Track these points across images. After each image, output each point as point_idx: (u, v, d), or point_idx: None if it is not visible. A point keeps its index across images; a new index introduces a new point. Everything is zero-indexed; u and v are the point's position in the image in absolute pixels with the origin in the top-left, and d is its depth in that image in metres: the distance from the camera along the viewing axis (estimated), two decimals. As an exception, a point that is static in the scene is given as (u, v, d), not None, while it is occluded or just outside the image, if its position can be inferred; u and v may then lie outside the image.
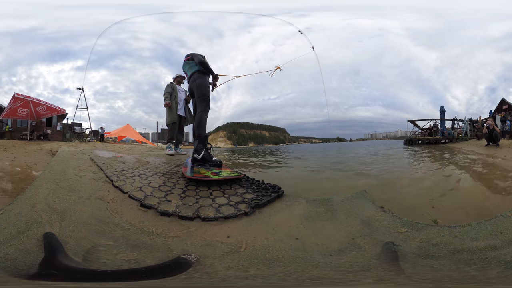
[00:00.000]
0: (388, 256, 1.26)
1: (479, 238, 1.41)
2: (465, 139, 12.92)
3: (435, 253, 1.30)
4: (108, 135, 17.73)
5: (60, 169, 2.64)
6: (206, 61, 3.28)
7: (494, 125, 7.17)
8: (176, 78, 5.01)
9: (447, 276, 1.10)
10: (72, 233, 1.47)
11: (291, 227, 1.73)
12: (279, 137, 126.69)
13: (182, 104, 4.95)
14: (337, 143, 79.86)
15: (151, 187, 2.32)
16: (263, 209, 2.00)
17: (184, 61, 3.35)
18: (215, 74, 3.38)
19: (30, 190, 1.98)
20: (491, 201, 2.26)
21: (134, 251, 1.37)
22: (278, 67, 3.84)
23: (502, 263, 1.15)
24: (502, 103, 17.94)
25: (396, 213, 1.83)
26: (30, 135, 9.96)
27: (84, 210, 1.77)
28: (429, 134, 15.63)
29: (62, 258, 1.16)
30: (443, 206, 2.24)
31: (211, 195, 2.21)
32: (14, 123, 11.76)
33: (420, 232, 1.53)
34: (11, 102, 8.66)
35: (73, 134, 13.84)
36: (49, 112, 9.94)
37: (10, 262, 1.16)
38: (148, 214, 1.83)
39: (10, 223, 1.50)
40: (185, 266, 1.17)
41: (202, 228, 1.69)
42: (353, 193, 2.26)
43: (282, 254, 1.35)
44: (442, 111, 15.92)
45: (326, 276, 1.13)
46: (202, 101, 3.14)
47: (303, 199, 2.20)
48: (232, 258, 1.31)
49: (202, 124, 3.09)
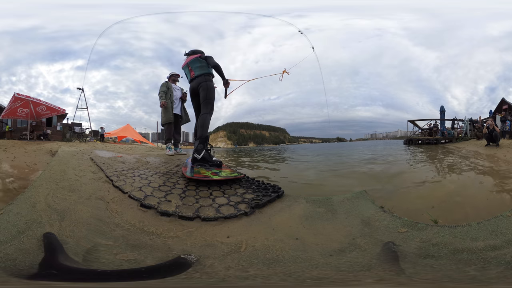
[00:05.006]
0: (388, 256, 1.26)
1: (479, 238, 1.40)
2: (465, 139, 12.92)
3: (435, 253, 1.30)
4: (108, 135, 17.73)
5: (60, 169, 2.63)
6: (220, 66, 3.22)
7: (494, 125, 7.17)
8: (171, 77, 4.93)
9: (447, 276, 1.10)
10: (72, 233, 1.47)
11: (291, 227, 1.73)
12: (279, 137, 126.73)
13: (178, 103, 4.88)
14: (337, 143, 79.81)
15: (151, 187, 2.32)
16: (263, 209, 2.00)
17: (196, 58, 3.23)
18: (226, 80, 3.32)
19: (30, 190, 1.98)
20: (491, 201, 2.25)
21: (134, 251, 1.37)
22: (285, 71, 3.82)
23: (502, 263, 1.15)
24: (502, 103, 17.94)
25: (396, 213, 1.83)
26: (30, 135, 9.95)
27: (84, 210, 1.77)
28: (429, 134, 15.63)
29: (62, 258, 1.16)
30: (443, 206, 2.24)
31: (211, 195, 2.21)
32: (14, 123, 11.76)
33: (420, 232, 1.53)
34: (11, 102, 8.65)
35: (73, 134, 13.84)
36: (49, 112, 9.92)
37: (10, 262, 1.16)
38: (148, 214, 1.83)
39: (10, 223, 1.50)
40: (185, 266, 1.17)
41: (202, 228, 1.69)
42: (353, 193, 2.26)
43: (282, 254, 1.34)
44: (442, 111, 15.92)
45: (327, 276, 1.13)
46: (208, 104, 3.13)
47: (303, 199, 2.20)
48: (232, 258, 1.31)
49: (205, 125, 3.08)
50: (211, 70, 3.24)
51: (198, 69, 3.22)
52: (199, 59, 3.23)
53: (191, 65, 3.28)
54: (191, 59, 3.27)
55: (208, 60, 3.21)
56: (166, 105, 4.64)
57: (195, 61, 3.24)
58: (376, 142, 54.46)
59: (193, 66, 3.26)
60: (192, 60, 3.26)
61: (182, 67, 3.44)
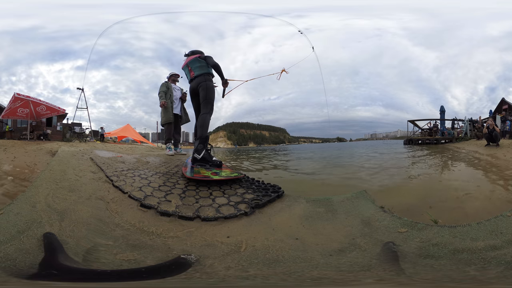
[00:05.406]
0: (388, 256, 1.26)
1: (479, 238, 1.40)
2: (465, 139, 12.93)
3: (435, 253, 1.30)
4: (108, 135, 17.73)
5: (60, 169, 2.63)
6: (219, 65, 3.22)
7: (494, 125, 7.17)
8: (171, 77, 4.94)
9: (447, 276, 1.10)
10: (72, 233, 1.47)
11: (291, 227, 1.73)
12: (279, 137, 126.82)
13: (177, 103, 4.89)
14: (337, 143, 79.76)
15: (151, 187, 2.32)
16: (263, 209, 2.00)
17: (196, 58, 3.24)
18: (225, 79, 3.32)
19: (30, 190, 1.98)
20: (491, 201, 2.25)
21: (134, 251, 1.37)
22: (284, 70, 3.81)
23: (502, 263, 1.15)
24: (502, 103, 17.94)
25: (396, 213, 1.83)
26: (30, 135, 9.96)
27: (84, 210, 1.77)
28: (429, 134, 15.63)
29: (62, 258, 1.16)
30: (443, 206, 2.24)
31: (211, 195, 2.21)
32: (14, 123, 11.76)
33: (420, 232, 1.53)
34: (11, 102, 8.65)
35: (73, 134, 13.84)
36: (49, 112, 9.93)
37: (10, 262, 1.16)
38: (148, 214, 1.83)
39: (10, 223, 1.50)
40: (185, 266, 1.17)
41: (202, 228, 1.69)
42: (353, 193, 2.26)
43: (282, 254, 1.34)
44: (442, 111, 15.92)
45: (327, 276, 1.13)
46: (208, 103, 3.13)
47: (303, 199, 2.20)
48: (232, 258, 1.31)
49: (205, 125, 3.08)
50: (210, 70, 3.25)
51: (198, 69, 3.23)
52: (198, 59, 3.24)
53: (190, 65, 3.29)
54: (190, 59, 3.28)
55: (208, 60, 3.21)
56: (166, 105, 4.64)
57: (194, 61, 3.26)
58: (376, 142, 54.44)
59: (192, 66, 3.27)
60: (191, 60, 3.28)
61: (182, 68, 3.46)
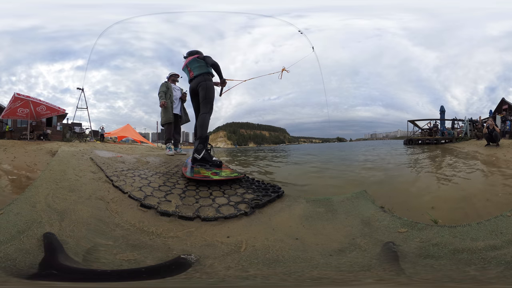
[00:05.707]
0: (388, 256, 1.26)
1: (479, 238, 1.40)
2: (465, 139, 12.92)
3: (435, 253, 1.30)
4: (108, 135, 17.73)
5: (60, 169, 2.63)
6: (218, 64, 3.24)
7: (494, 125, 7.17)
8: (171, 77, 4.95)
9: (447, 276, 1.10)
10: (72, 233, 1.47)
11: (291, 227, 1.73)
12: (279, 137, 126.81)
13: (177, 103, 4.89)
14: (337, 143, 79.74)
15: (151, 187, 2.32)
16: (263, 209, 2.00)
17: (194, 58, 3.26)
18: (224, 79, 3.34)
19: (30, 190, 1.98)
20: (491, 201, 2.25)
21: (134, 251, 1.37)
22: (284, 69, 3.81)
23: (502, 263, 1.15)
24: (502, 103, 17.95)
25: (396, 213, 1.83)
26: (30, 135, 9.95)
27: (84, 210, 1.77)
28: (429, 134, 15.62)
29: (62, 258, 1.16)
30: (443, 206, 2.24)
31: (211, 195, 2.21)
32: (14, 123, 11.76)
33: (420, 232, 1.53)
34: (11, 102, 8.65)
35: (73, 134, 13.84)
36: (49, 112, 9.93)
37: (10, 262, 1.16)
38: (148, 214, 1.83)
39: (10, 223, 1.50)
40: (185, 266, 1.17)
41: (202, 228, 1.69)
42: (353, 193, 2.26)
43: (282, 254, 1.34)
44: (442, 111, 15.91)
45: (327, 276, 1.13)
46: (208, 103, 3.13)
47: (303, 199, 2.20)
48: (232, 258, 1.31)
49: (205, 125, 3.09)
50: (210, 69, 3.25)
51: (197, 69, 3.25)
52: (197, 60, 3.26)
53: (190, 66, 3.32)
54: (189, 60, 3.31)
55: (207, 60, 3.23)
56: (166, 105, 4.65)
57: (194, 61, 3.28)
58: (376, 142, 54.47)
59: (192, 66, 3.29)
60: (190, 61, 3.30)
61: (182, 69, 3.48)
